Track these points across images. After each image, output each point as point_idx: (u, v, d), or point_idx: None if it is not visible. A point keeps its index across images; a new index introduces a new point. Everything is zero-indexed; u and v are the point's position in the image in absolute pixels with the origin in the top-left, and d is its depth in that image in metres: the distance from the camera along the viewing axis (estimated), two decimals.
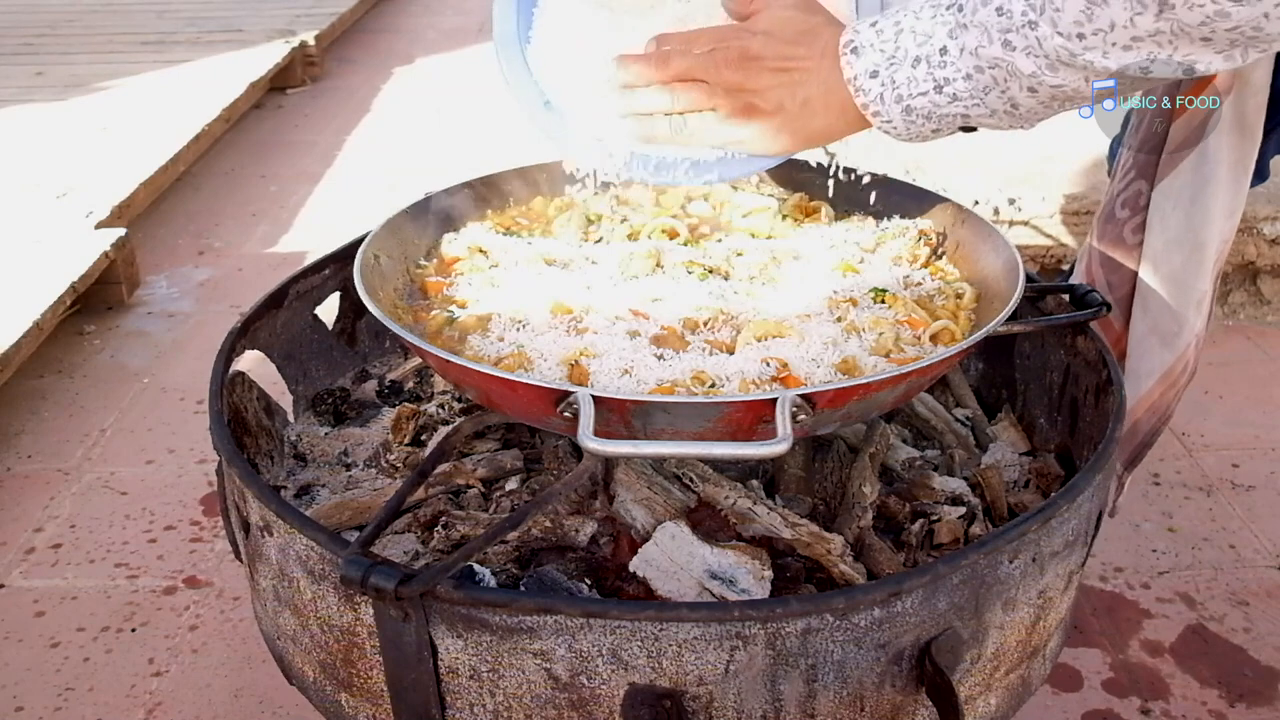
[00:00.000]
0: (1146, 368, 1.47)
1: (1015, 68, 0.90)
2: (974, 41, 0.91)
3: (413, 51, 5.19)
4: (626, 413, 0.94)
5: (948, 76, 0.94)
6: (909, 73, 0.96)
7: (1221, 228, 1.41)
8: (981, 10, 0.90)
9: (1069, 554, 1.04)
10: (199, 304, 2.90)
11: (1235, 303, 2.71)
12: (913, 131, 0.99)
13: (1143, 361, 1.46)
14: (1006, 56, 0.89)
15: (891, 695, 0.95)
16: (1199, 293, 1.43)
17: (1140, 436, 1.52)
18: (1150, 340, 1.45)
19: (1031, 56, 0.88)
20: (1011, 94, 0.92)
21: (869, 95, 0.98)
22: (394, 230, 1.25)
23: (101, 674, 1.71)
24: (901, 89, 0.96)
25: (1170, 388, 1.48)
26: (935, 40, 0.94)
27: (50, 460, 2.23)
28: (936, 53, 0.94)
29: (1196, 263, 1.42)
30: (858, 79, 0.99)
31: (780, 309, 1.12)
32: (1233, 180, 1.39)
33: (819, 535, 1.10)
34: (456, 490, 1.22)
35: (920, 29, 0.95)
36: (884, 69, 0.97)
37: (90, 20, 4.96)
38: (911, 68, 0.96)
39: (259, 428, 1.30)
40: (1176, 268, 1.42)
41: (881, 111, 0.99)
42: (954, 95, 0.95)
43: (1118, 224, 1.46)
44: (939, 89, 0.95)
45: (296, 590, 1.01)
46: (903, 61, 0.96)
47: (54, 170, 3.17)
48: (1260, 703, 1.64)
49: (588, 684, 0.90)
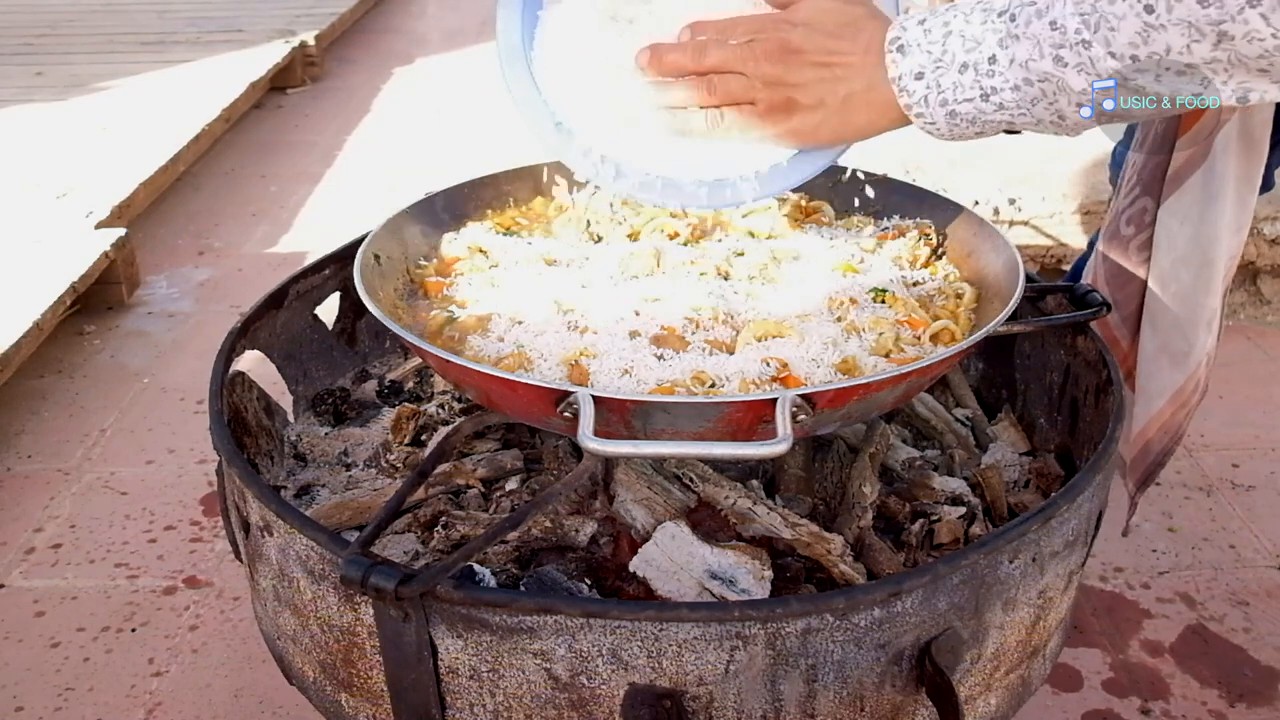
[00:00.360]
0: (1157, 387, 1.44)
1: (1065, 83, 0.88)
2: (1025, 54, 0.90)
3: (413, 51, 5.19)
4: (626, 413, 0.94)
5: (995, 86, 0.92)
6: (955, 78, 0.94)
7: (1229, 244, 1.40)
8: (1035, 22, 0.88)
9: (1069, 554, 1.04)
10: (199, 304, 2.90)
11: (1235, 303, 2.71)
12: (956, 133, 0.98)
13: (1153, 381, 1.44)
14: (1057, 72, 0.88)
15: (891, 695, 0.95)
16: (1209, 311, 1.41)
17: (1153, 456, 1.49)
18: (1161, 359, 1.43)
19: (1083, 74, 0.87)
20: (1059, 107, 0.91)
21: (913, 96, 0.96)
22: (394, 230, 1.25)
23: (101, 674, 1.71)
24: (947, 93, 0.95)
25: (1181, 407, 1.45)
26: (984, 48, 0.92)
27: (50, 460, 2.23)
28: (985, 60, 0.92)
29: (1205, 280, 1.39)
30: (902, 79, 0.96)
31: (780, 309, 1.12)
32: (1239, 196, 1.37)
33: (819, 535, 1.10)
34: (456, 490, 1.22)
35: (970, 34, 0.93)
36: (930, 71, 0.95)
37: (90, 20, 4.96)
38: (959, 73, 0.94)
39: (259, 428, 1.30)
40: (1185, 286, 1.40)
41: (925, 113, 0.97)
42: (1000, 104, 0.93)
43: (1123, 241, 1.44)
44: (985, 97, 0.93)
45: (296, 590, 1.01)
46: (950, 66, 0.94)
47: (54, 170, 3.18)
48: (1260, 703, 1.64)
49: (588, 684, 0.90)
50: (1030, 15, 0.89)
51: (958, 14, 0.95)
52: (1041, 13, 0.88)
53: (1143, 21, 0.82)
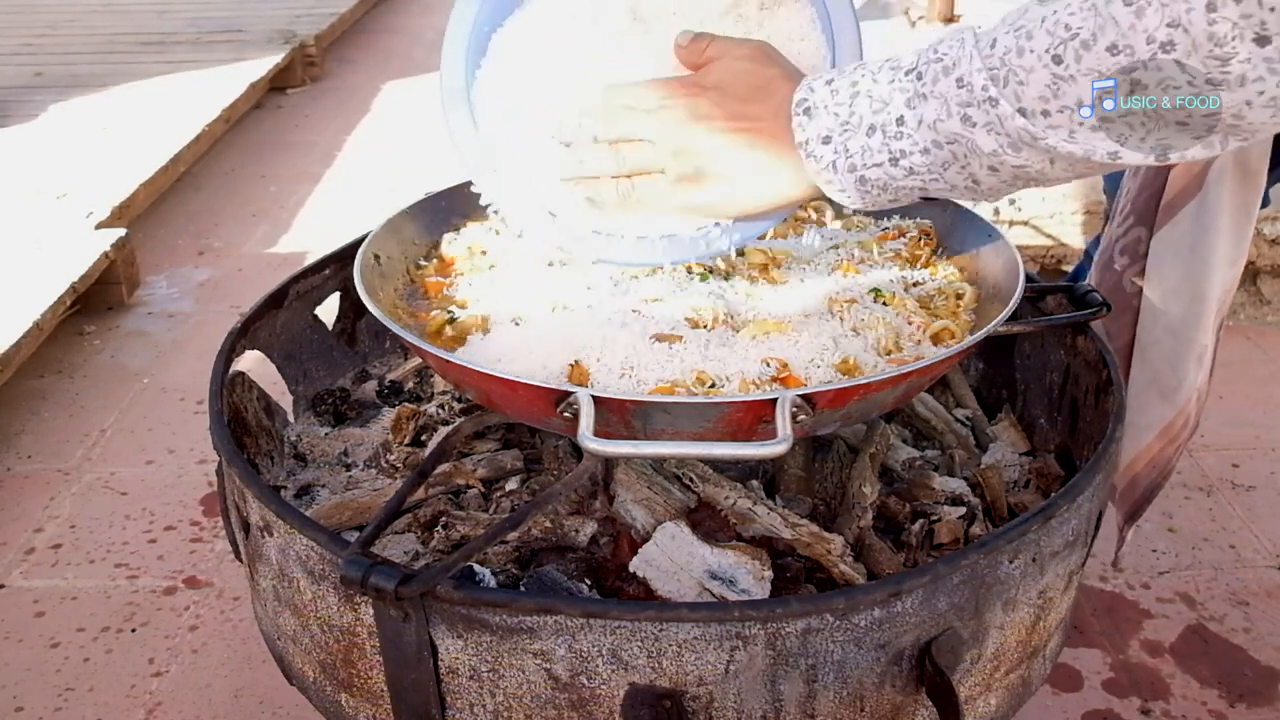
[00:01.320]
0: (1145, 421, 1.41)
1: (975, 145, 0.82)
2: (932, 114, 0.83)
3: (413, 51, 5.19)
4: (626, 413, 0.94)
5: (904, 149, 0.86)
6: (863, 141, 0.87)
7: (1224, 277, 1.34)
8: (942, 80, 0.82)
9: (1069, 554, 1.04)
10: (199, 304, 2.90)
11: (1235, 303, 2.71)
12: (868, 201, 0.91)
13: (1142, 415, 1.40)
14: (966, 132, 0.81)
15: (891, 695, 0.95)
16: (1199, 346, 1.37)
17: (1140, 491, 1.46)
18: (1150, 393, 1.40)
19: (992, 134, 0.80)
20: (972, 170, 0.84)
21: (821, 162, 0.90)
22: (394, 230, 1.25)
23: (101, 674, 1.71)
24: (855, 158, 0.88)
25: (1170, 443, 1.42)
26: (892, 108, 0.86)
27: (50, 460, 2.23)
28: (893, 122, 0.86)
29: (1196, 314, 1.35)
30: (809, 143, 0.90)
31: (780, 309, 1.12)
32: (1234, 228, 1.32)
33: (819, 535, 1.10)
34: (456, 490, 1.22)
35: (877, 93, 0.87)
36: (837, 134, 0.88)
37: (90, 20, 4.96)
38: (866, 136, 0.87)
39: (259, 428, 1.30)
40: (1176, 320, 1.35)
41: (834, 180, 0.90)
42: (910, 169, 0.87)
43: (1116, 273, 1.41)
44: (894, 161, 0.87)
45: (296, 590, 1.01)
46: (857, 129, 0.87)
47: (54, 171, 3.18)
48: (1260, 703, 1.64)
49: (588, 684, 0.90)
50: (937, 72, 0.82)
51: (866, 72, 0.89)
52: (949, 69, 0.82)
53: (1051, 73, 0.75)
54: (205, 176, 3.68)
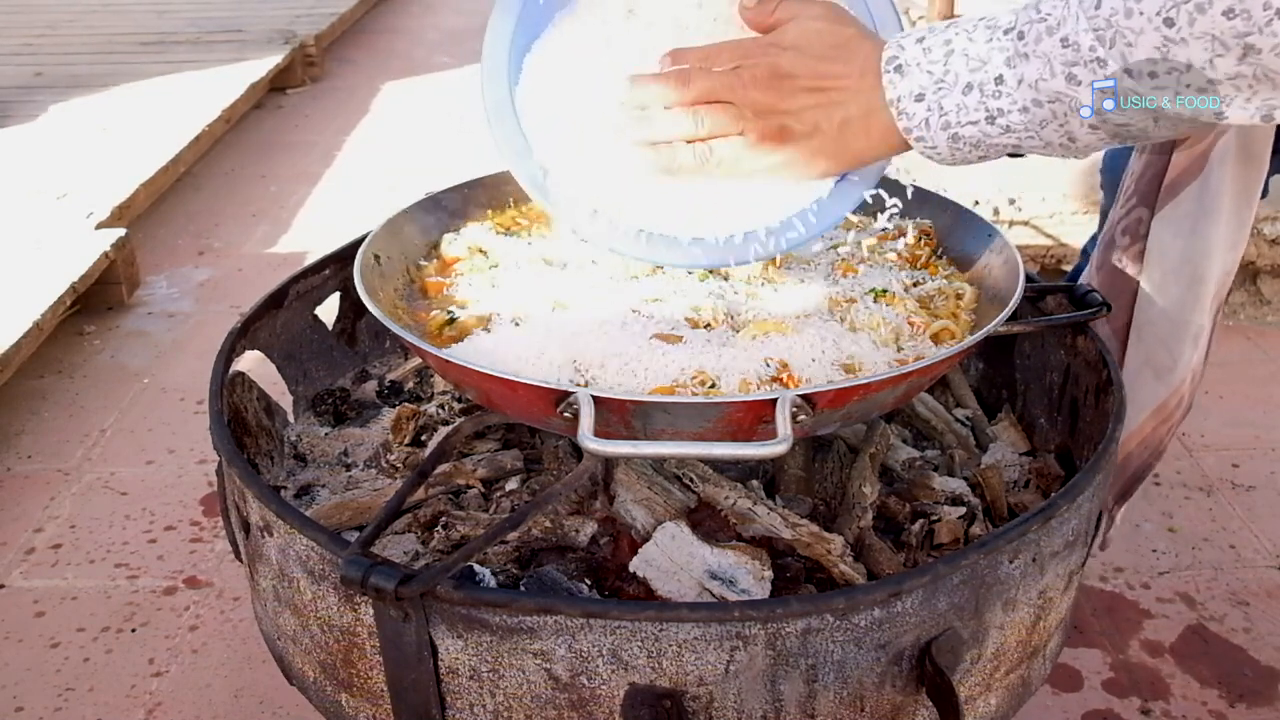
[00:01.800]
0: (1140, 401, 1.40)
1: (1079, 103, 0.83)
2: (1034, 73, 0.84)
3: (413, 51, 5.19)
4: (626, 413, 0.94)
5: (1002, 107, 0.87)
6: (959, 99, 0.88)
7: (1224, 259, 1.35)
8: (1046, 40, 0.83)
9: (1069, 554, 1.04)
10: (199, 304, 2.90)
11: (1235, 303, 2.71)
12: (958, 158, 0.93)
13: (1136, 394, 1.40)
14: (1070, 91, 0.83)
15: (891, 695, 0.95)
16: (1196, 326, 1.37)
17: (1131, 470, 1.46)
18: (1144, 373, 1.40)
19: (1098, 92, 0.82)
20: (1071, 129, 0.86)
21: (913, 120, 0.91)
22: (394, 230, 1.25)
23: (101, 674, 1.71)
24: (950, 116, 0.89)
25: (1163, 423, 1.42)
26: (990, 67, 0.87)
27: (50, 460, 2.23)
28: (991, 81, 0.87)
29: (1195, 296, 1.35)
30: (901, 101, 0.91)
31: (780, 309, 1.12)
32: (1236, 211, 1.32)
33: (819, 535, 1.10)
34: (456, 490, 1.22)
35: (974, 52, 0.88)
36: (931, 93, 0.89)
37: (90, 20, 4.96)
38: (962, 94, 0.88)
39: (259, 428, 1.30)
40: (1174, 300, 1.36)
41: (926, 137, 0.92)
42: (1007, 127, 0.88)
43: (1117, 252, 1.42)
44: (991, 120, 0.88)
45: (296, 590, 1.01)
46: (952, 87, 0.88)
47: (54, 171, 3.18)
48: (1260, 703, 1.64)
49: (588, 684, 0.90)
50: (1040, 32, 0.84)
51: (960, 31, 0.89)
52: (1052, 29, 0.83)
53: (1162, 36, 0.77)
54: (205, 176, 3.68)
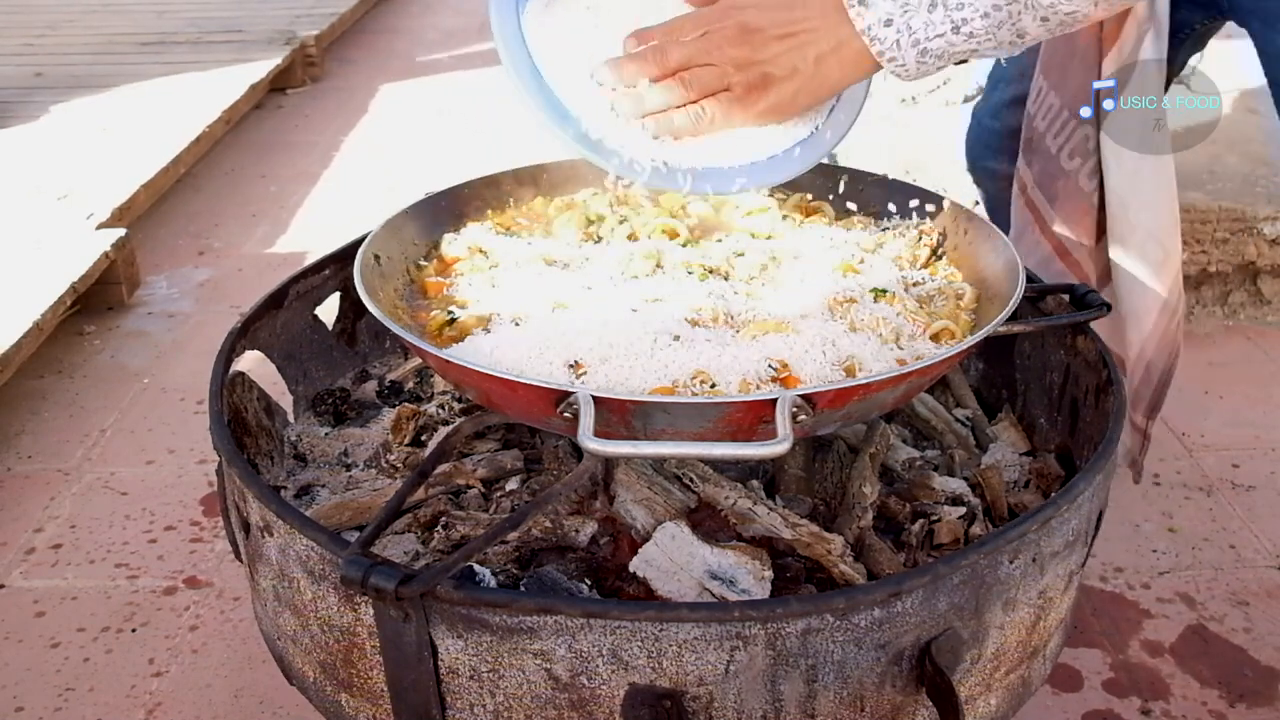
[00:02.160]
0: (1144, 304, 1.47)
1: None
2: None
3: (413, 51, 5.19)
4: (626, 413, 0.94)
5: (965, 17, 0.98)
6: (925, 17, 1.00)
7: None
8: None
9: (1069, 554, 1.04)
10: (199, 304, 2.90)
11: (1235, 303, 2.71)
12: (923, 71, 1.03)
13: (1138, 299, 1.47)
14: None
15: (891, 695, 0.95)
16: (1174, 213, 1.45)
17: (1158, 376, 1.51)
18: (1141, 271, 1.46)
19: None
20: (1022, 25, 0.97)
21: (885, 43, 1.02)
22: (394, 230, 1.25)
23: (101, 674, 1.71)
24: (919, 33, 1.00)
25: (1171, 318, 1.48)
26: None
27: (50, 460, 2.23)
28: None
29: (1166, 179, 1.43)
30: (871, 29, 1.02)
31: (780, 309, 1.12)
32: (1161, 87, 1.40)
33: (819, 535, 1.10)
34: (456, 490, 1.22)
35: None
36: (898, 17, 1.00)
37: (90, 20, 4.96)
38: (928, 12, 0.99)
39: (259, 428, 1.30)
40: (1148, 195, 1.43)
41: (897, 57, 1.02)
42: (970, 34, 0.99)
43: (1069, 177, 1.46)
44: (956, 30, 0.99)
45: (296, 590, 1.01)
46: (918, 7, 1.00)
47: (54, 171, 3.17)
48: (1260, 703, 1.64)
49: (588, 684, 0.90)
50: None
51: None
52: None
53: None
54: (205, 177, 3.67)
